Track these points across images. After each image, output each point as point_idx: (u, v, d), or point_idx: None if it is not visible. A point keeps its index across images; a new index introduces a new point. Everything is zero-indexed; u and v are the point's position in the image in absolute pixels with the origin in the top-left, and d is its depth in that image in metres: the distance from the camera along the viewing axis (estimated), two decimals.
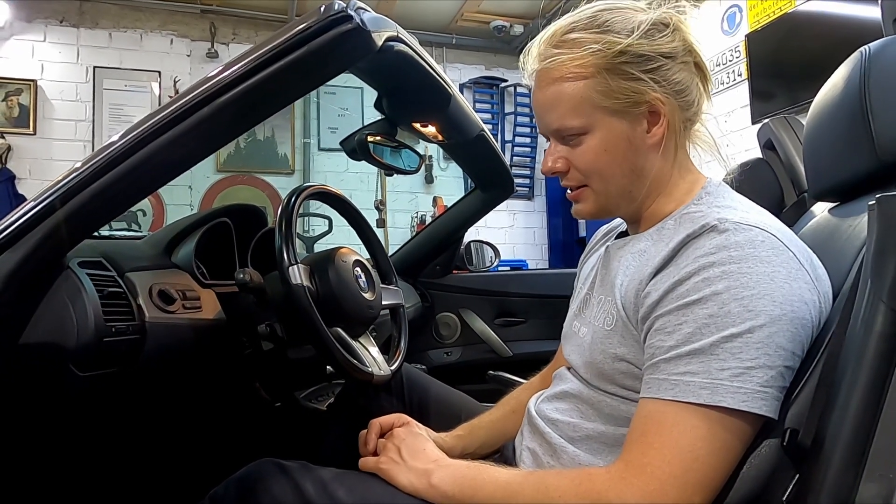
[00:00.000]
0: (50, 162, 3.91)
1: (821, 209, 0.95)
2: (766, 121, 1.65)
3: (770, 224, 0.63)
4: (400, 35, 0.86)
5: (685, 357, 0.58)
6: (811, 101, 0.89)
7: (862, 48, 0.77)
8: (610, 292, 0.73)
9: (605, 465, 0.67)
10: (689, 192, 0.74)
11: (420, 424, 0.90)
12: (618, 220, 0.90)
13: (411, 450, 0.79)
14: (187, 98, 0.71)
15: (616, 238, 0.84)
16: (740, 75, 3.75)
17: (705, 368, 0.56)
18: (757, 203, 1.66)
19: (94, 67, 4.09)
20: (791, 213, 1.47)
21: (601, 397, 0.73)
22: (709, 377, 0.56)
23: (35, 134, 3.95)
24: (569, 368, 0.84)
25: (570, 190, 0.77)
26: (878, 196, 0.52)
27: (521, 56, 0.77)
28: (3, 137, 3.85)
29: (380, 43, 0.79)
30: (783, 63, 3.38)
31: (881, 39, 0.75)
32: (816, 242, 0.88)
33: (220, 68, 0.73)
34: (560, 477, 0.64)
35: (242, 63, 0.71)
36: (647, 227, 0.75)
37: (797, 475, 0.54)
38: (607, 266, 0.78)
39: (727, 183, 0.78)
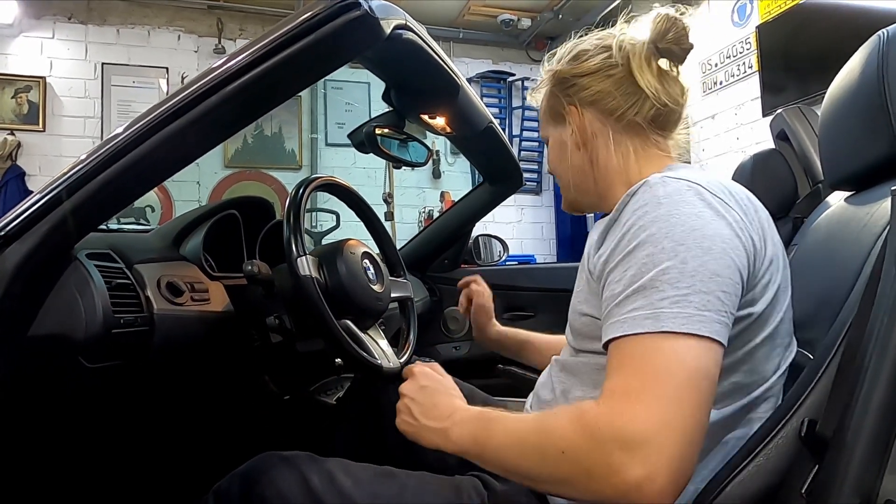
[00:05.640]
0: (59, 158, 3.93)
1: (836, 199, 0.94)
2: (780, 111, 1.62)
3: (701, 179, 0.68)
4: (408, 23, 0.85)
5: (631, 297, 0.62)
6: (823, 94, 0.87)
7: (880, 32, 0.75)
8: (582, 264, 0.81)
9: None
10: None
11: (433, 366, 0.88)
12: None
13: (424, 408, 0.78)
14: (193, 88, 0.70)
15: None
16: (751, 67, 3.71)
17: (648, 301, 0.60)
18: (771, 193, 1.64)
19: (103, 64, 4.10)
20: (805, 203, 1.45)
21: (578, 359, 0.81)
22: (651, 308, 0.60)
23: (44, 131, 3.97)
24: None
25: None
26: None
27: None
28: (13, 134, 3.88)
29: (388, 31, 0.78)
30: (794, 55, 3.34)
31: None
32: (832, 232, 0.87)
33: (226, 57, 0.72)
34: (556, 417, 0.65)
35: (249, 52, 0.70)
36: None
37: (816, 467, 0.52)
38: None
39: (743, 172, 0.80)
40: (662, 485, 0.54)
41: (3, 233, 0.66)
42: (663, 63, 0.81)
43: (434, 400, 0.79)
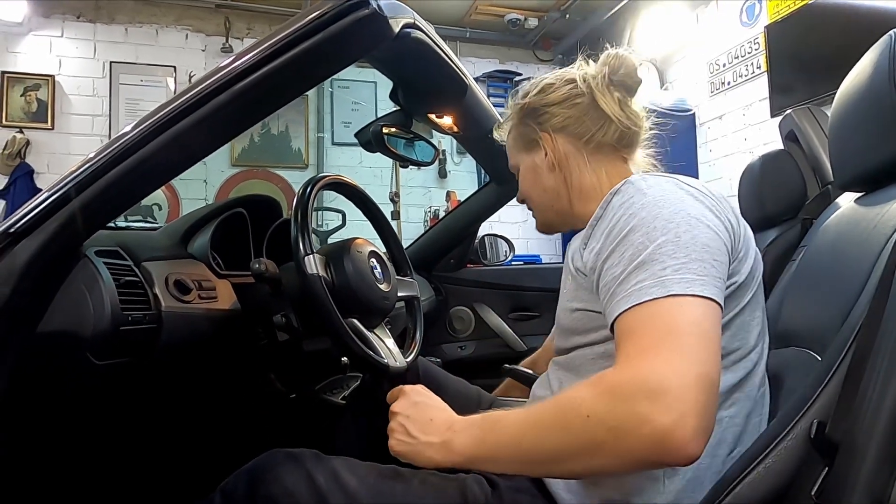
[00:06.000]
0: (68, 156, 3.94)
1: (846, 200, 0.93)
2: (789, 111, 1.61)
3: (676, 176, 0.76)
4: (417, 22, 0.85)
5: (633, 273, 0.66)
6: (832, 94, 0.87)
7: (890, 32, 0.74)
8: (566, 267, 0.86)
9: None
10: None
11: (419, 387, 0.85)
12: None
13: (419, 425, 0.76)
14: (201, 87, 0.71)
15: None
16: (759, 67, 3.69)
17: (650, 273, 0.64)
18: (779, 195, 1.64)
19: (111, 63, 4.12)
20: (814, 204, 1.44)
21: (572, 355, 0.84)
22: (655, 278, 0.64)
23: (53, 129, 3.98)
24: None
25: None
26: None
27: None
28: (22, 132, 3.90)
29: (396, 29, 0.78)
30: (803, 55, 3.32)
31: None
32: (842, 233, 0.86)
33: (234, 56, 0.72)
34: (574, 390, 0.65)
35: (257, 51, 0.71)
36: None
37: (826, 469, 0.52)
38: None
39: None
40: (693, 428, 0.54)
41: (12, 230, 0.66)
42: (619, 94, 0.89)
43: (429, 414, 0.77)
